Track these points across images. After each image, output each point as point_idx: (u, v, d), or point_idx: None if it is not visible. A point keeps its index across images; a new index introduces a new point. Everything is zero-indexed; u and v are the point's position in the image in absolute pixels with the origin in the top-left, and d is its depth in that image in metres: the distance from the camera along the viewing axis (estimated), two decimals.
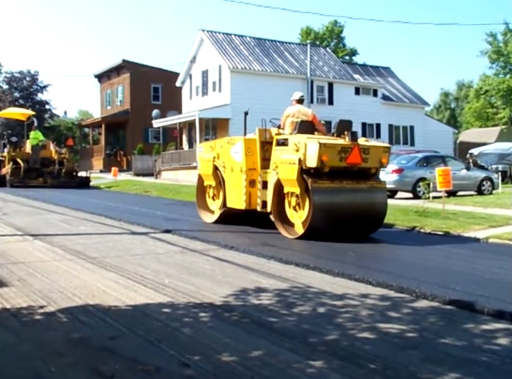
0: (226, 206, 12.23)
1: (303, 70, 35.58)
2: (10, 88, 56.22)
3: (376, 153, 10.73)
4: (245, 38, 37.19)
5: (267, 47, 36.97)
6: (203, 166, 13.05)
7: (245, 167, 11.60)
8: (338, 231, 10.36)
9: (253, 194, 11.54)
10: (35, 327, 5.23)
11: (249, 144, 11.69)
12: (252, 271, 7.62)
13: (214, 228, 11.92)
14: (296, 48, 39.03)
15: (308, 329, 5.09)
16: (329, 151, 10.11)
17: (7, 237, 10.84)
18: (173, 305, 5.88)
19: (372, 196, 10.85)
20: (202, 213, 13.20)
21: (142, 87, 46.74)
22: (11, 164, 27.33)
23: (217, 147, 12.67)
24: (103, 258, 8.48)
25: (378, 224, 11.03)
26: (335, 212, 10.31)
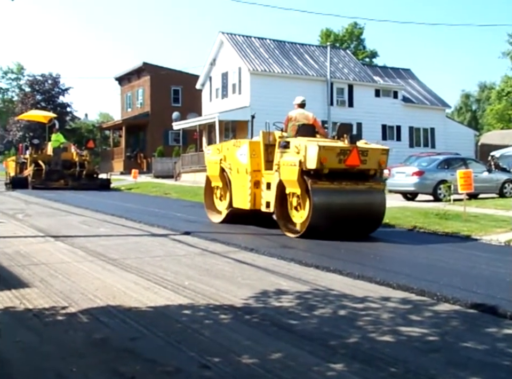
0: (233, 207, 12.67)
1: (323, 72, 35.52)
2: (33, 91, 56.81)
3: (374, 155, 11.06)
4: (265, 40, 37.21)
5: (287, 50, 36.96)
6: (210, 168, 13.54)
7: (249, 168, 12.06)
8: (338, 231, 10.69)
9: (257, 195, 12.00)
10: (57, 328, 5.27)
11: (253, 147, 12.14)
12: (271, 274, 7.62)
13: (234, 230, 11.92)
14: (316, 50, 38.96)
15: (328, 332, 5.07)
16: (328, 154, 10.50)
17: (29, 238, 10.94)
18: (193, 306, 5.89)
19: (371, 197, 11.18)
20: (210, 213, 13.65)
21: (162, 89, 46.96)
22: (33, 166, 27.60)
23: (224, 149, 13.12)
24: (124, 260, 8.53)
25: (377, 224, 11.36)
26: (334, 212, 10.67)
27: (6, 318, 5.60)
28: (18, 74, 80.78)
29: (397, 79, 41.90)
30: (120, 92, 54.94)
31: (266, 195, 11.73)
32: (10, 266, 8.08)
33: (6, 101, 77.48)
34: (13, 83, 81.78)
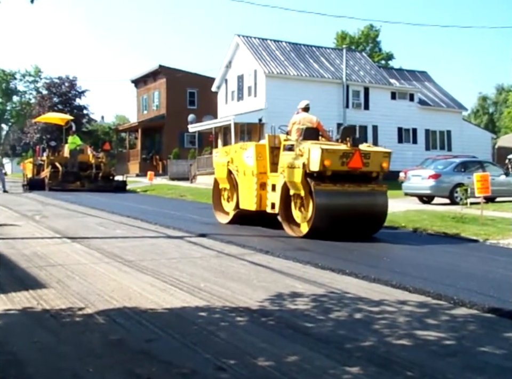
0: (239, 208, 13.01)
1: (339, 75, 35.45)
2: (50, 93, 57.20)
3: (377, 158, 11.36)
4: (281, 43, 37.20)
5: (303, 52, 36.92)
6: (218, 170, 13.86)
7: (256, 171, 12.39)
8: (341, 231, 10.94)
9: (263, 196, 12.32)
10: (74, 328, 5.30)
11: (259, 150, 12.49)
12: (287, 276, 7.61)
13: (249, 232, 11.93)
14: (332, 53, 38.90)
15: (344, 335, 5.06)
16: (331, 156, 10.77)
17: (46, 239, 11.02)
18: (208, 308, 5.90)
19: (373, 198, 11.45)
20: (217, 214, 14.01)
21: (178, 92, 47.10)
22: (50, 168, 27.80)
23: (231, 152, 13.51)
24: (140, 261, 8.56)
25: (379, 226, 11.62)
26: (336, 213, 10.92)
27: (23, 318, 5.65)
28: (35, 77, 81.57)
29: (413, 81, 41.71)
30: (136, 95, 55.18)
31: (272, 197, 12.02)
32: (28, 267, 8.15)
33: (24, 104, 78.15)
34: (31, 86, 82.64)
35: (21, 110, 76.28)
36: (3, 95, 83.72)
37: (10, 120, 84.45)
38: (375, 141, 35.74)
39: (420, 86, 41.07)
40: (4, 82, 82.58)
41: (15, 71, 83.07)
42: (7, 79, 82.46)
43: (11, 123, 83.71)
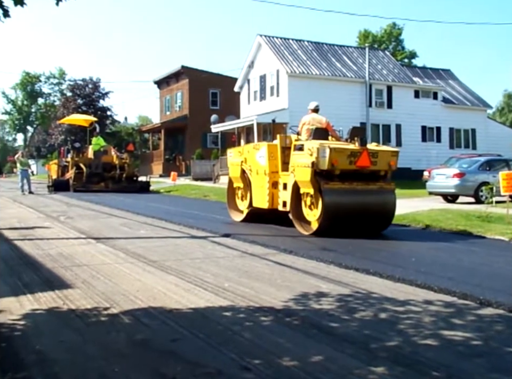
0: (253, 206, 13.48)
1: (362, 74, 35.27)
2: (74, 95, 57.74)
3: (384, 157, 11.61)
4: (303, 42, 37.11)
5: (325, 51, 36.81)
6: (232, 169, 14.36)
7: (268, 170, 12.81)
8: (350, 228, 11.30)
9: (275, 195, 12.70)
10: (99, 328, 5.34)
11: (272, 150, 12.89)
12: (311, 276, 7.59)
13: (273, 232, 11.93)
14: (354, 52, 38.71)
15: (369, 335, 5.03)
16: (339, 155, 11.11)
17: (72, 240, 11.12)
18: (233, 308, 5.91)
19: (381, 196, 11.74)
20: (232, 212, 14.54)
21: (200, 92, 47.24)
22: (74, 169, 28.06)
23: (244, 152, 13.99)
24: (164, 261, 8.60)
25: (387, 223, 11.88)
26: (345, 211, 11.26)
27: (50, 318, 5.71)
28: (60, 79, 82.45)
29: (437, 79, 41.35)
30: (159, 96, 55.46)
31: (283, 195, 12.36)
32: (54, 268, 8.23)
33: (48, 106, 79.01)
34: (55, 88, 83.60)
35: (46, 112, 77.13)
36: (28, 98, 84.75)
37: (35, 122, 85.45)
38: (399, 140, 35.53)
39: (444, 84, 40.71)
40: (29, 84, 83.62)
41: (40, 73, 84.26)
42: (32, 81, 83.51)
43: (36, 125, 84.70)
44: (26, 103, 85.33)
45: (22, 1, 4.97)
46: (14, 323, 5.51)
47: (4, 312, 5.87)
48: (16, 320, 5.61)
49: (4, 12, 4.92)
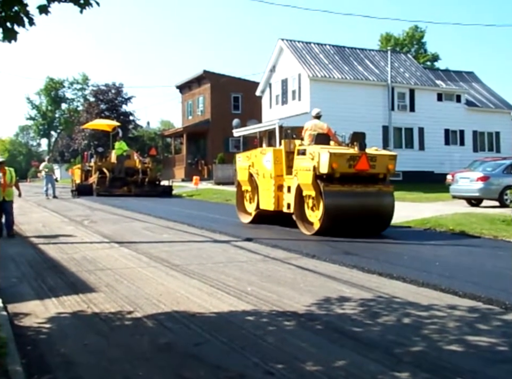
0: (260, 208, 14.06)
1: (384, 77, 35.08)
2: (97, 100, 58.19)
3: (383, 160, 12.15)
4: (325, 46, 37.02)
5: (347, 55, 36.68)
6: (241, 173, 15.08)
7: (273, 174, 13.37)
8: (350, 229, 11.71)
9: (280, 197, 13.28)
10: (123, 332, 5.38)
11: (277, 154, 13.44)
12: (334, 280, 7.57)
13: (295, 237, 11.90)
14: (376, 55, 38.52)
15: (392, 340, 5.00)
16: (338, 159, 11.65)
17: (95, 244, 11.22)
18: (256, 312, 5.91)
19: (380, 198, 12.24)
20: (240, 214, 15.14)
21: (222, 97, 47.34)
22: (97, 174, 28.26)
23: (252, 157, 14.56)
24: (187, 266, 8.63)
25: (386, 224, 12.34)
26: (345, 212, 11.77)
27: (74, 322, 5.76)
28: (83, 84, 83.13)
29: (460, 82, 40.98)
30: (181, 100, 55.67)
31: (287, 197, 12.96)
32: (78, 271, 8.31)
33: (72, 111, 79.68)
34: (78, 93, 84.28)
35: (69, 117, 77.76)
36: (52, 103, 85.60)
37: (59, 127, 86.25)
38: (421, 143, 35.28)
39: (467, 86, 40.35)
40: (53, 90, 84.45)
41: (64, 79, 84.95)
42: (56, 87, 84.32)
43: (60, 130, 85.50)
44: (50, 109, 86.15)
45: (46, 10, 5.03)
46: (40, 326, 5.57)
47: (29, 315, 5.94)
48: (41, 323, 5.67)
49: (29, 20, 4.98)
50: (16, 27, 4.97)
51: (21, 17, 4.96)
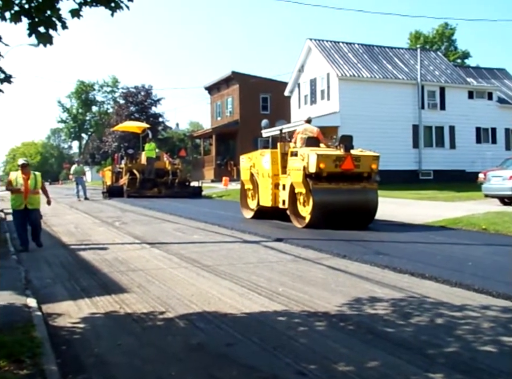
0: (260, 205, 15.52)
1: (413, 75, 34.76)
2: (127, 102, 58.69)
3: (366, 161, 13.37)
4: (353, 45, 36.82)
5: (376, 54, 36.42)
6: (243, 173, 16.61)
7: (271, 173, 14.83)
8: (337, 222, 12.79)
9: (277, 194, 14.66)
10: (155, 332, 5.42)
11: (274, 156, 14.84)
12: (365, 281, 7.53)
13: (326, 237, 11.86)
14: (406, 53, 38.18)
15: (425, 340, 4.95)
16: (325, 160, 12.93)
17: (127, 245, 11.32)
18: (287, 313, 5.90)
19: (365, 195, 13.37)
20: (243, 210, 16.61)
21: (251, 97, 47.37)
22: (128, 175, 28.46)
23: (253, 158, 16.06)
24: (217, 266, 8.66)
25: (371, 218, 13.45)
26: (332, 207, 12.96)
27: (107, 322, 5.82)
28: (113, 87, 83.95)
29: (491, 79, 40.41)
30: (210, 101, 55.86)
31: (282, 195, 14.37)
32: (110, 272, 8.40)
33: (102, 113, 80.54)
34: (108, 96, 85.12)
35: (100, 120, 78.64)
36: (83, 106, 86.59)
37: (90, 129, 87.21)
38: (452, 142, 34.87)
39: (499, 84, 39.76)
40: (84, 93, 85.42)
41: (94, 82, 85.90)
42: (86, 90, 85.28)
43: (90, 132, 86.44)
44: (81, 112, 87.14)
45: (78, 14, 5.09)
46: (74, 326, 5.64)
47: (63, 316, 6.02)
48: (75, 323, 5.74)
49: (62, 24, 5.04)
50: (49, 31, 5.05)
51: (54, 22, 5.02)
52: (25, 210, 11.06)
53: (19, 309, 6.17)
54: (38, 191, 11.33)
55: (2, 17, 5.02)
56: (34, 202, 11.20)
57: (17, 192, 11.01)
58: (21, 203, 11.02)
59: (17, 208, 11.07)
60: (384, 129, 31.61)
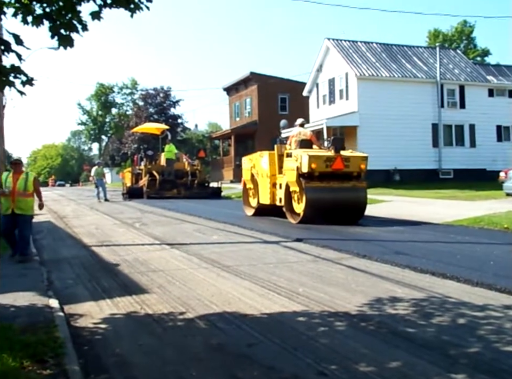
0: (260, 203, 16.70)
1: (433, 74, 34.53)
2: (146, 104, 59.03)
3: (356, 161, 14.41)
4: (371, 44, 36.66)
5: (394, 53, 36.23)
6: (245, 173, 17.89)
7: (269, 173, 15.98)
8: (329, 218, 13.73)
9: (274, 193, 15.83)
10: (176, 332, 5.44)
11: (272, 157, 16.01)
12: (386, 280, 7.49)
13: (345, 237, 11.82)
14: (425, 52, 37.93)
15: (447, 341, 4.91)
16: (317, 160, 13.94)
17: (147, 246, 11.36)
18: (307, 313, 5.89)
19: (354, 193, 14.30)
20: (246, 208, 17.86)
21: (269, 98, 47.38)
22: (147, 177, 28.60)
23: (253, 159, 17.26)
24: (237, 267, 8.67)
25: (361, 214, 14.39)
26: (324, 204, 13.94)
27: (128, 322, 5.85)
28: (132, 89, 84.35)
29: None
30: (229, 102, 55.95)
31: (279, 193, 15.50)
32: (131, 273, 8.44)
33: (122, 115, 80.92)
34: (128, 98, 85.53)
35: (119, 122, 79.01)
36: (102, 108, 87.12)
37: (109, 131, 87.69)
38: (472, 140, 34.56)
39: None
40: (103, 95, 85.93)
41: (113, 84, 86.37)
42: (106, 92, 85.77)
43: (110, 134, 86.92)
44: (101, 114, 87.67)
45: (99, 16, 5.12)
46: (95, 327, 5.68)
47: (85, 316, 6.06)
48: (96, 323, 5.78)
49: (82, 26, 5.08)
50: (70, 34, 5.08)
51: (75, 24, 5.06)
52: (12, 215, 9.66)
53: (42, 310, 6.22)
54: (30, 194, 9.96)
55: (24, 21, 5.06)
56: (24, 207, 9.81)
57: (2, 194, 9.65)
58: (8, 207, 9.65)
59: (4, 213, 9.59)
60: (403, 129, 31.46)
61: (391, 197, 22.42)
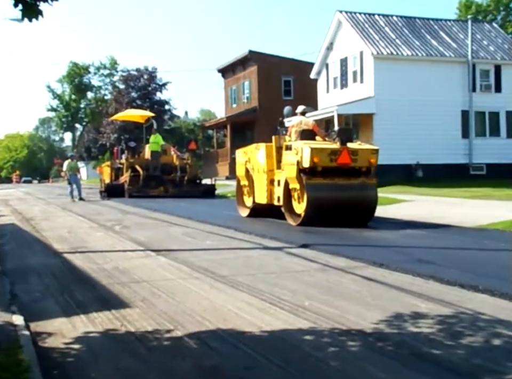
0: (255, 202, 16.71)
1: (463, 52, 34.54)
2: (127, 87, 59.19)
3: (364, 154, 14.39)
4: (391, 18, 36.68)
5: (418, 27, 36.25)
6: (239, 168, 17.83)
7: (266, 168, 15.96)
8: (333, 219, 13.89)
9: (272, 191, 15.82)
10: (162, 353, 5.43)
11: (269, 150, 15.99)
12: (406, 293, 7.49)
13: (359, 242, 11.84)
14: (454, 26, 37.93)
15: (480, 365, 4.91)
16: (320, 154, 13.94)
17: (129, 253, 11.37)
18: (315, 331, 5.88)
19: (363, 190, 14.42)
20: (240, 208, 17.86)
21: (271, 81, 47.41)
22: (129, 172, 28.61)
23: (248, 152, 17.24)
24: (234, 276, 8.67)
25: (370, 215, 14.50)
26: (327, 204, 14.05)
27: (106, 342, 5.84)
28: (111, 70, 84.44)
29: None
30: (224, 86, 56.02)
31: (277, 191, 15.51)
32: (109, 284, 8.43)
33: (99, 100, 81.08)
34: (106, 80, 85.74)
35: (96, 108, 79.16)
36: (76, 92, 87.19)
37: (85, 119, 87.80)
38: (510, 130, 34.57)
39: None
40: (77, 77, 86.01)
41: (89, 64, 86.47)
42: (80, 73, 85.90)
43: (85, 122, 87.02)
44: (74, 98, 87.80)
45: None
46: (67, 347, 5.66)
47: (55, 335, 6.05)
48: (68, 343, 5.77)
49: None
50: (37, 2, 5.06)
51: None
52: None
53: (3, 328, 6.20)
54: None
55: None
56: None
57: None
58: None
59: None
60: (427, 117, 31.46)
61: (412, 196, 22.46)
